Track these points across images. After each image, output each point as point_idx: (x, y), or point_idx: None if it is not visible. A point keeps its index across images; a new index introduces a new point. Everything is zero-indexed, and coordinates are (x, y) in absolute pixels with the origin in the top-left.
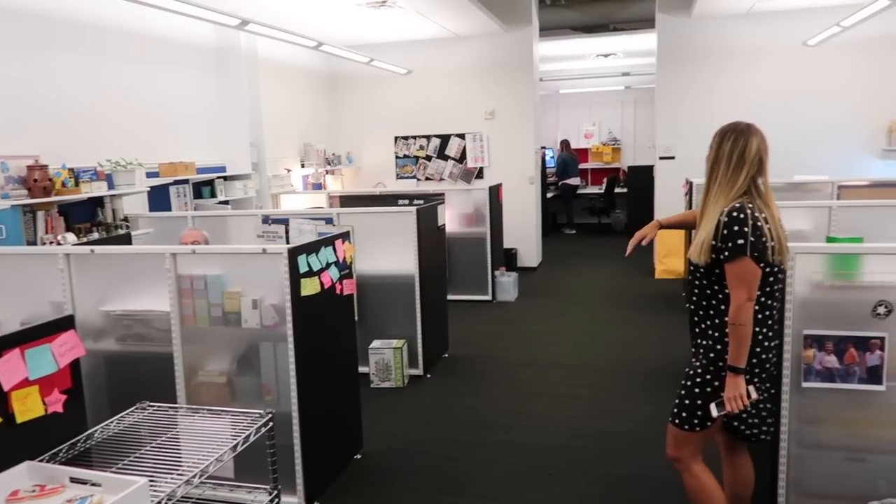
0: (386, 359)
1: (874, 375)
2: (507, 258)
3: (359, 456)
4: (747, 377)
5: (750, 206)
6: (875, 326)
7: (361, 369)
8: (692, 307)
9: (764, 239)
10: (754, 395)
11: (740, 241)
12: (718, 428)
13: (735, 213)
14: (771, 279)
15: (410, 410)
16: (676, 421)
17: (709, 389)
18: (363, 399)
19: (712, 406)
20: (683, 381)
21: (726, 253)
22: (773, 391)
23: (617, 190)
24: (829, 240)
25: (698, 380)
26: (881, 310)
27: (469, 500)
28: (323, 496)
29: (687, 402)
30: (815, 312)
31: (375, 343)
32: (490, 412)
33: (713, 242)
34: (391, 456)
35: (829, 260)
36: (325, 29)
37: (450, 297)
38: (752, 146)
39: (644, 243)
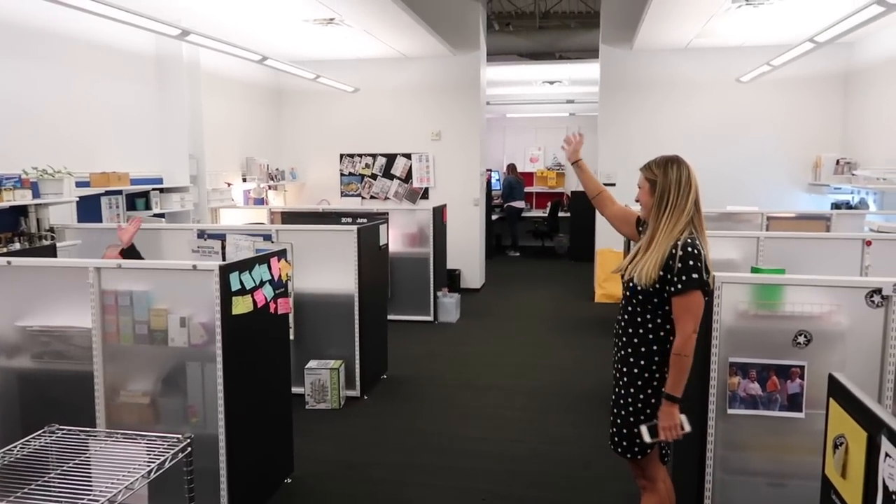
0: (322, 379)
1: (794, 403)
2: (450, 279)
3: (289, 480)
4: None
5: (697, 240)
6: (795, 355)
7: (297, 390)
8: (622, 329)
9: (707, 273)
10: (687, 427)
11: (694, 276)
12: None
13: (690, 249)
14: (704, 308)
15: (345, 433)
16: (619, 450)
17: (642, 417)
18: (297, 420)
19: (643, 430)
20: (615, 409)
21: (679, 286)
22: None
23: (560, 214)
24: (754, 270)
25: (631, 409)
26: (801, 339)
27: None
28: None
29: (625, 430)
30: (740, 340)
31: (312, 363)
32: (426, 435)
33: (661, 273)
34: (323, 480)
35: (754, 290)
36: (271, 43)
37: (391, 316)
38: (692, 175)
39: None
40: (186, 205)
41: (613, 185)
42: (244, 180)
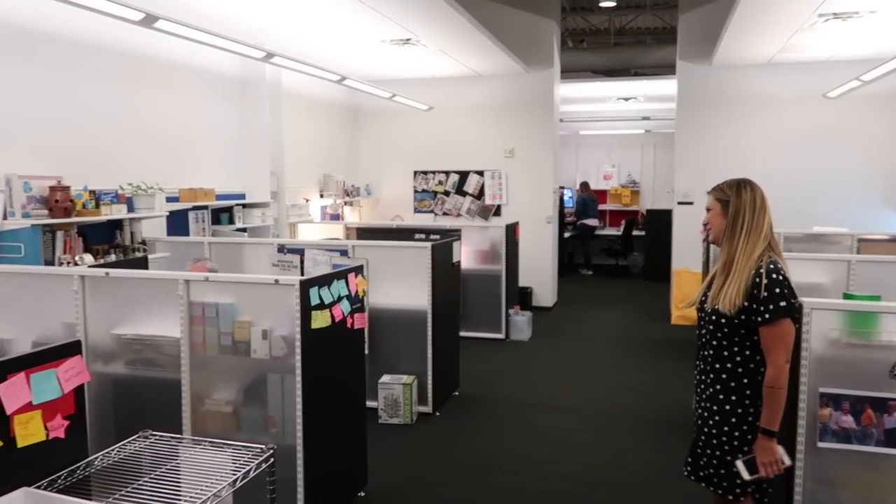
0: (395, 394)
1: (892, 439)
2: (522, 297)
3: (363, 493)
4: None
5: (780, 263)
6: (894, 388)
7: (370, 404)
8: (708, 364)
9: (796, 297)
10: (788, 461)
11: (782, 304)
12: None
13: (774, 275)
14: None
15: (417, 449)
16: (720, 491)
17: (740, 455)
18: (370, 435)
19: (740, 465)
20: (707, 449)
21: (767, 315)
22: None
23: (635, 232)
24: (846, 297)
25: (726, 447)
26: None
27: None
28: None
29: (723, 471)
30: (832, 370)
31: (385, 378)
32: (497, 455)
33: (745, 303)
34: (395, 495)
35: (846, 317)
36: (348, 63)
37: (463, 333)
38: (765, 197)
39: None
40: (267, 220)
41: (691, 203)
42: (321, 196)
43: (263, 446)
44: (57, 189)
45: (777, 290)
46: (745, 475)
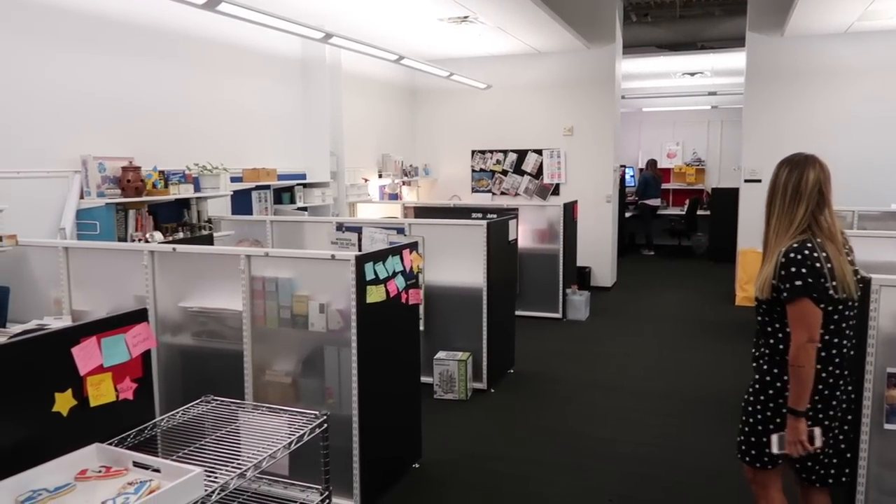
0: (450, 370)
1: None
2: (580, 276)
3: (417, 465)
4: (810, 421)
5: (810, 244)
6: None
7: (425, 379)
8: (755, 338)
9: (823, 279)
10: (818, 442)
11: (798, 283)
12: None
13: (793, 255)
14: (836, 317)
15: (472, 424)
16: (746, 459)
17: (771, 427)
18: (425, 409)
19: (774, 439)
20: (743, 416)
21: (785, 294)
22: (849, 434)
23: (699, 212)
24: None
25: (759, 416)
26: None
27: None
28: (380, 501)
29: (753, 438)
30: None
31: (440, 354)
32: (551, 432)
33: (773, 281)
34: (449, 468)
35: None
36: (406, 43)
37: (519, 312)
38: (810, 178)
39: None
40: (327, 199)
41: (759, 181)
42: (380, 176)
43: (318, 412)
44: (129, 170)
45: (793, 270)
46: (775, 448)
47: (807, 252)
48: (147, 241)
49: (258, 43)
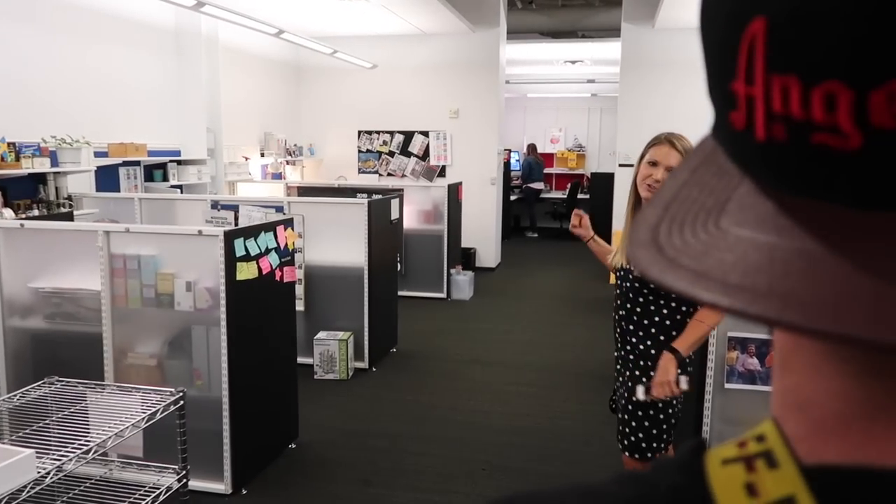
0: (331, 350)
1: None
2: (465, 257)
3: (293, 446)
4: (680, 369)
5: None
6: None
7: (306, 360)
8: (633, 324)
9: None
10: (684, 386)
11: None
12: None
13: None
14: None
15: (351, 403)
16: (637, 456)
17: (643, 381)
18: (305, 389)
19: (639, 389)
20: (641, 413)
21: None
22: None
23: (580, 196)
24: None
25: (661, 404)
26: None
27: (397, 492)
28: (252, 484)
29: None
30: None
31: (321, 334)
32: (431, 407)
33: None
34: (326, 447)
35: None
36: (289, 19)
37: (404, 293)
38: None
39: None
40: (203, 177)
41: (632, 165)
42: (262, 155)
43: (173, 390)
44: None
45: None
46: (641, 395)
47: None
48: None
49: (128, 9)
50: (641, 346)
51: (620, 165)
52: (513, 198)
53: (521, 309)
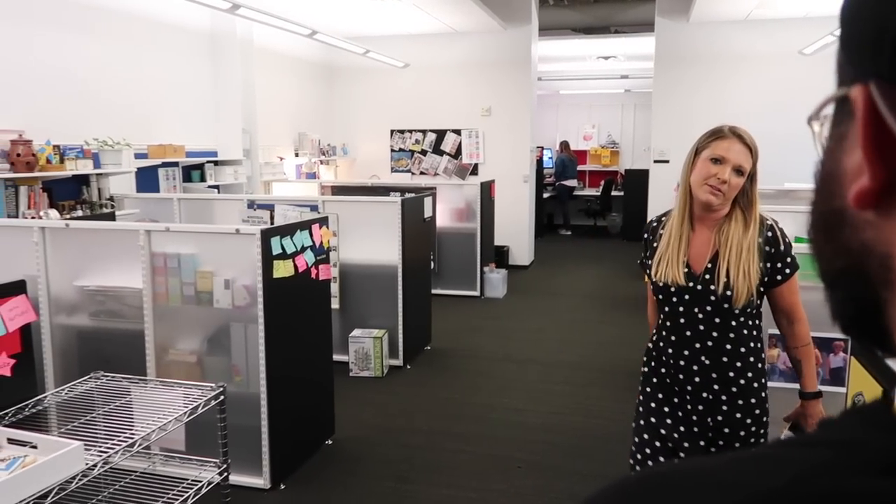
0: (365, 348)
1: (837, 377)
2: (498, 255)
3: (330, 442)
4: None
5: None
6: (838, 328)
7: (341, 357)
8: (713, 355)
9: None
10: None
11: (794, 254)
12: None
13: (779, 225)
14: None
15: (386, 400)
16: None
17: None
18: (341, 387)
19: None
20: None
21: (788, 270)
22: None
23: (614, 193)
24: (798, 240)
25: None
26: None
27: (432, 489)
28: (290, 479)
29: None
30: None
31: (356, 332)
32: (465, 404)
33: (761, 264)
34: (362, 443)
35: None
36: (322, 20)
37: (438, 291)
38: None
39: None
40: (240, 178)
41: (667, 161)
42: (296, 155)
43: (213, 385)
44: (18, 143)
45: (787, 240)
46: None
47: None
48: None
49: (165, 14)
50: (731, 374)
51: (655, 162)
52: (546, 195)
53: (554, 307)
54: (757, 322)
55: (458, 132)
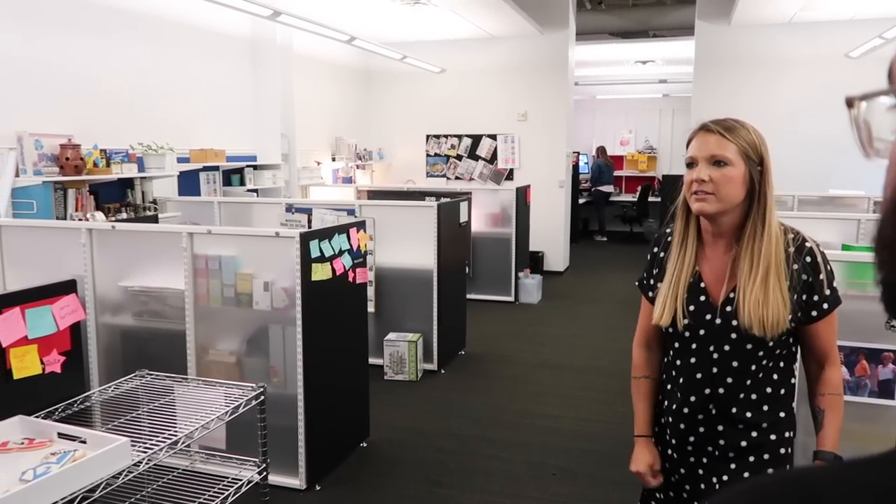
0: (400, 351)
1: (886, 389)
2: (533, 261)
3: (364, 444)
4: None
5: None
6: (889, 339)
7: (376, 361)
8: (732, 394)
9: None
10: None
11: (835, 285)
12: None
13: (821, 248)
14: None
15: (421, 404)
16: None
17: None
18: (375, 390)
19: None
20: None
21: (826, 305)
22: None
23: (650, 199)
24: (845, 248)
25: None
26: None
27: (467, 495)
28: (325, 480)
29: None
30: None
31: (391, 335)
32: (499, 410)
33: (796, 296)
34: (397, 446)
35: (843, 268)
36: (359, 26)
37: (472, 296)
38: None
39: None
40: (278, 182)
41: None
42: (333, 160)
43: (254, 385)
44: (67, 147)
45: (829, 268)
46: None
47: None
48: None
49: (206, 21)
50: (750, 417)
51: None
52: (581, 201)
53: (588, 313)
54: (790, 366)
55: (493, 137)
